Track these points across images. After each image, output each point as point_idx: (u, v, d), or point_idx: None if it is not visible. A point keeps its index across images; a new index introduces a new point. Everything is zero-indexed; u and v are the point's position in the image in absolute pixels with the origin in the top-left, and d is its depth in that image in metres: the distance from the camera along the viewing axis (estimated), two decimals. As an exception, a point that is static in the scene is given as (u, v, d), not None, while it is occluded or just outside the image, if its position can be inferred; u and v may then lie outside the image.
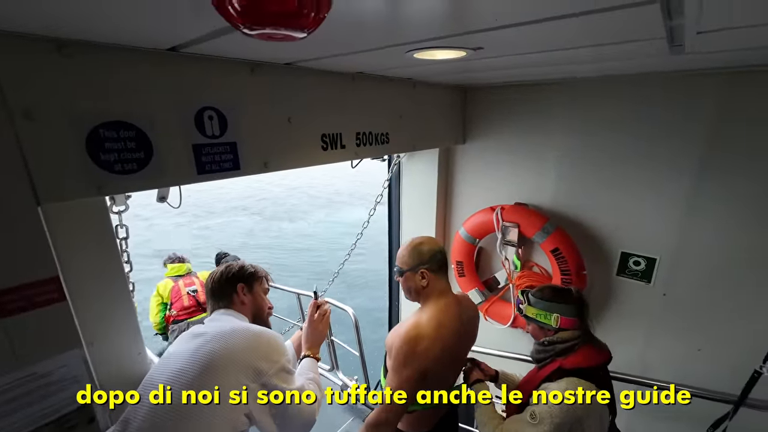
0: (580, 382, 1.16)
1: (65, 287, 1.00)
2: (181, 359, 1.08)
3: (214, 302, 1.32)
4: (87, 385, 1.02)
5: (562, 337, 1.26)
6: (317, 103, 1.48)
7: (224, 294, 1.31)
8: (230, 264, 1.37)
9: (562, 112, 2.05)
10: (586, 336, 1.27)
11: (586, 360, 1.21)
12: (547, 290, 1.33)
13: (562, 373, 1.20)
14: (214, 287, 1.32)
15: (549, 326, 1.29)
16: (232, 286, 1.32)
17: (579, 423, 1.13)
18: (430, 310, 1.34)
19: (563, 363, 1.22)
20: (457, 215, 2.68)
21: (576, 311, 1.26)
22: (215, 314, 1.28)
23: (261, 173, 1.32)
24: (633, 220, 1.96)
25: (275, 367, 1.12)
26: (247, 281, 1.35)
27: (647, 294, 1.98)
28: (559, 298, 1.29)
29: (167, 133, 1.06)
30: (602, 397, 1.17)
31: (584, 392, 1.13)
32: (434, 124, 2.19)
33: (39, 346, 0.93)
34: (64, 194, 0.90)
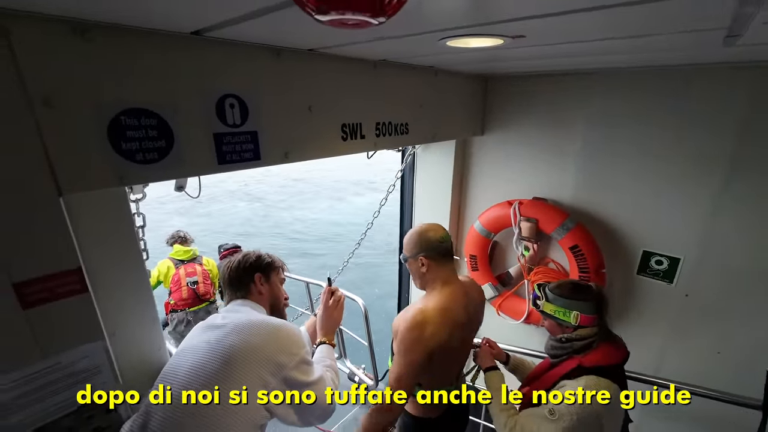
0: (600, 380, 1.15)
1: (87, 278, 0.99)
2: (200, 352, 1.07)
3: (232, 292, 1.30)
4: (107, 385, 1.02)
5: (580, 334, 1.24)
6: (338, 92, 1.43)
7: (242, 284, 1.29)
8: (247, 253, 1.34)
9: (585, 104, 1.98)
10: (605, 333, 1.25)
11: (605, 358, 1.19)
12: (566, 286, 1.30)
13: (582, 371, 1.19)
14: (231, 276, 1.29)
15: (568, 323, 1.26)
16: (250, 275, 1.29)
17: (598, 420, 1.12)
18: (435, 297, 1.35)
19: (582, 361, 1.20)
20: (472, 208, 2.63)
21: (595, 308, 1.24)
22: (233, 305, 1.26)
23: (281, 164, 1.29)
24: (656, 218, 1.90)
25: (295, 360, 1.11)
26: (264, 271, 1.33)
27: (668, 294, 1.93)
28: (579, 295, 1.26)
29: (188, 122, 1.02)
30: (624, 395, 1.16)
31: (605, 391, 1.12)
32: (454, 114, 2.13)
33: (62, 337, 0.92)
34: (86, 184, 0.88)
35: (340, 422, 3.10)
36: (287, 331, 1.16)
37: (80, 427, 1.00)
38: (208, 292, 3.75)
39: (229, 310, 1.24)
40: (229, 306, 1.26)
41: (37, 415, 0.92)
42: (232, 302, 1.28)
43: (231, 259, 1.34)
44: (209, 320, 1.20)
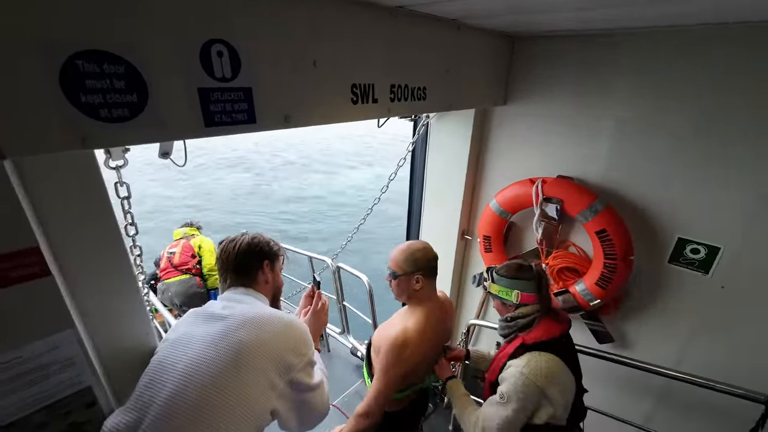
0: (540, 355, 1.20)
1: (54, 260, 0.84)
2: (203, 345, 0.94)
3: (235, 278, 1.16)
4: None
5: (522, 312, 1.31)
6: (348, 45, 1.21)
7: (249, 270, 1.16)
8: (255, 236, 1.21)
9: (628, 70, 1.73)
10: (545, 310, 1.30)
11: (546, 333, 1.24)
12: (508, 267, 1.36)
13: (525, 348, 1.24)
14: (238, 261, 1.15)
15: (510, 302, 1.33)
16: (259, 261, 1.17)
17: (543, 395, 1.17)
18: (417, 315, 1.43)
19: (525, 338, 1.26)
20: (488, 186, 2.44)
21: (536, 287, 1.30)
22: (233, 292, 1.13)
23: (280, 129, 1.10)
24: (697, 203, 1.71)
25: (304, 361, 1.04)
26: (272, 258, 1.22)
27: (702, 285, 1.77)
28: (520, 274, 1.32)
29: (166, 71, 0.83)
30: (562, 368, 1.20)
31: (544, 365, 1.17)
32: (476, 80, 1.89)
33: (22, 327, 0.78)
34: (36, 145, 0.70)
35: (341, 396, 3.08)
36: (298, 330, 1.07)
37: (53, 422, 0.89)
38: (184, 263, 3.59)
39: (230, 299, 1.10)
40: (230, 294, 1.13)
41: (3, 412, 0.81)
42: (232, 289, 1.14)
43: (236, 239, 1.19)
44: (207, 309, 1.07)
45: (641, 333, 2.07)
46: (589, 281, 1.98)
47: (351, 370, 3.43)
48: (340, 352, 3.66)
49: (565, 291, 2.09)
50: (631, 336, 2.12)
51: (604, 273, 1.89)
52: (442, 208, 2.60)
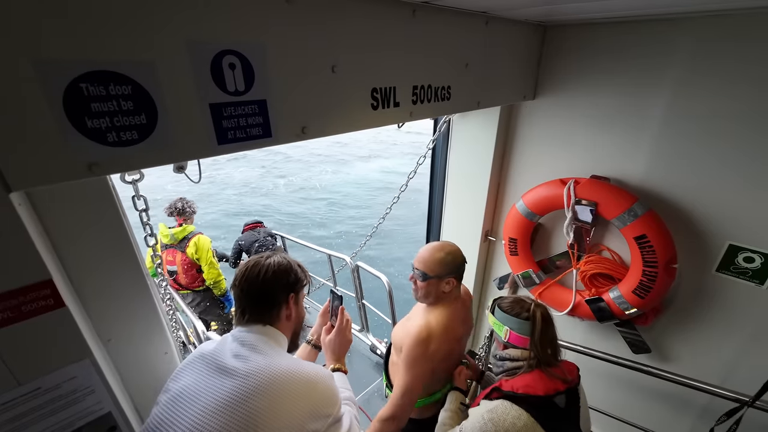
0: (511, 407, 1.05)
1: (69, 289, 0.82)
2: (209, 409, 0.80)
3: (254, 313, 0.99)
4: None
5: (510, 354, 1.16)
6: (368, 47, 1.12)
7: (271, 305, 1.01)
8: (282, 263, 1.04)
9: (679, 62, 1.56)
10: (538, 361, 1.11)
11: (525, 387, 1.07)
12: (508, 301, 1.23)
13: (500, 394, 1.11)
14: (260, 295, 1.00)
15: (500, 339, 1.21)
16: (285, 295, 1.03)
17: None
18: (440, 313, 1.40)
19: (502, 383, 1.13)
20: (514, 186, 2.31)
21: (528, 330, 1.13)
22: (250, 333, 0.96)
23: (297, 141, 1.03)
24: (753, 207, 1.54)
25: (328, 422, 0.91)
26: (298, 290, 1.08)
27: (756, 297, 1.62)
28: (514, 310, 1.18)
29: (175, 89, 0.77)
30: (534, 430, 1.01)
31: (510, 418, 1.02)
32: (504, 75, 1.76)
33: (38, 360, 0.76)
34: (43, 177, 0.66)
35: (362, 393, 3.08)
36: (321, 386, 0.92)
37: (77, 448, 0.89)
38: (191, 283, 3.33)
39: (244, 342, 0.94)
40: (245, 334, 0.96)
41: (23, 442, 0.80)
42: (248, 326, 0.98)
43: (259, 265, 1.01)
44: (216, 353, 0.91)
45: (682, 345, 1.93)
46: (625, 288, 1.85)
47: (370, 367, 3.43)
48: (360, 349, 3.67)
49: (598, 298, 1.96)
50: (670, 348, 1.98)
51: (642, 281, 1.76)
52: (465, 208, 2.49)
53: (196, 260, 3.25)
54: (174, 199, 3.34)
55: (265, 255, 1.05)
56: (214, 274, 3.31)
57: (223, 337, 0.98)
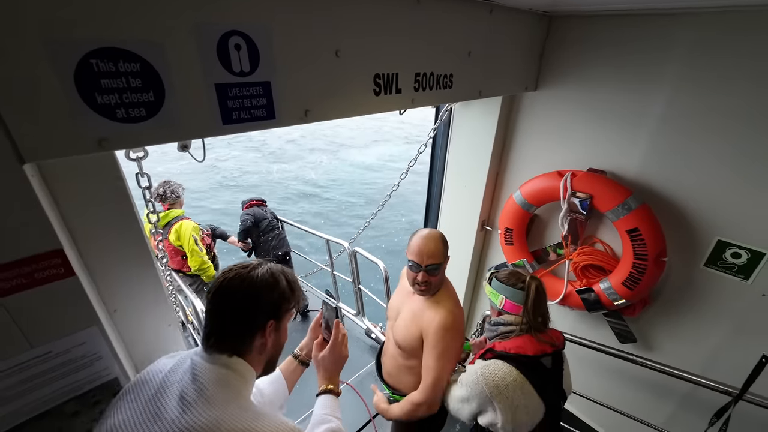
0: (501, 365, 1.17)
1: (79, 259, 0.86)
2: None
3: (220, 337, 0.81)
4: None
5: (505, 320, 1.28)
6: (372, 32, 1.13)
7: (245, 333, 0.82)
8: (268, 279, 0.84)
9: (679, 57, 1.57)
10: (530, 326, 1.24)
11: (516, 347, 1.21)
12: (505, 273, 1.33)
13: (493, 355, 1.23)
14: (234, 316, 0.81)
15: (496, 306, 1.31)
16: (262, 322, 0.83)
17: (488, 401, 1.16)
18: (449, 297, 1.42)
19: (495, 345, 1.26)
20: (512, 177, 2.34)
21: (523, 298, 1.25)
22: (209, 366, 0.78)
23: (299, 124, 1.06)
24: (743, 204, 1.58)
25: None
26: (283, 313, 0.88)
27: (740, 292, 1.67)
28: (511, 282, 1.28)
29: (183, 68, 0.79)
30: (522, 386, 1.15)
31: (499, 373, 1.15)
32: (507, 65, 1.77)
33: (50, 325, 0.80)
34: (55, 149, 0.69)
35: (355, 375, 3.17)
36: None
37: (84, 411, 0.93)
38: (180, 267, 3.20)
39: (197, 376, 0.76)
40: (203, 365, 0.78)
41: (35, 402, 0.85)
42: (211, 355, 0.80)
43: (241, 277, 0.82)
44: (160, 390, 0.76)
45: (666, 336, 2.00)
46: (615, 280, 1.90)
47: (365, 351, 3.52)
48: (355, 333, 3.75)
49: (589, 289, 2.02)
50: (655, 338, 2.04)
51: (632, 273, 1.81)
52: (463, 197, 2.53)
53: (180, 247, 3.13)
54: (157, 185, 3.12)
55: (251, 265, 0.85)
56: (197, 262, 3.14)
57: (182, 358, 0.83)
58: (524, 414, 1.16)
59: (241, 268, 0.84)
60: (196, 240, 3.10)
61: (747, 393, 1.52)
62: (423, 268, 1.34)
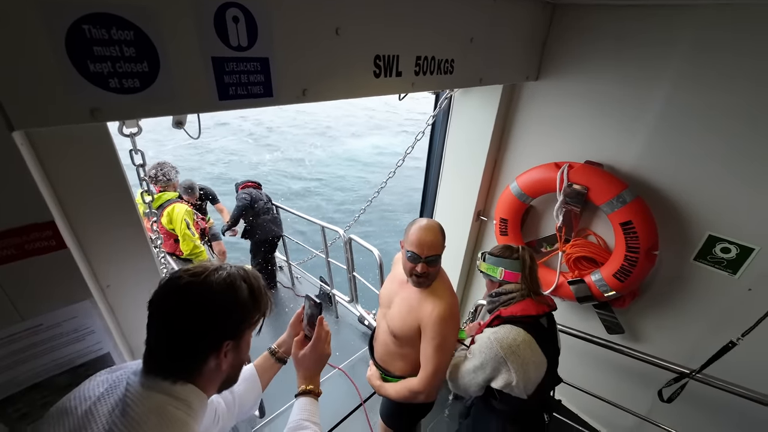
0: (511, 328, 1.28)
1: (71, 233, 0.84)
2: None
3: (163, 359, 0.67)
4: (103, 337, 0.92)
5: (506, 288, 1.38)
6: (374, 12, 1.11)
7: (194, 356, 0.68)
8: (226, 290, 0.68)
9: (682, 52, 1.56)
10: (527, 290, 1.36)
11: (522, 310, 1.31)
12: (497, 248, 1.44)
13: (501, 321, 1.33)
14: (179, 334, 0.65)
15: (495, 279, 1.41)
16: (215, 343, 0.68)
17: (503, 361, 1.25)
18: (445, 287, 1.43)
19: (502, 312, 1.35)
20: (509, 166, 2.34)
21: (519, 266, 1.36)
22: (145, 395, 0.64)
23: (297, 103, 1.04)
24: (737, 199, 1.59)
25: None
26: (243, 331, 0.73)
27: (728, 286, 1.70)
28: (506, 254, 1.40)
29: (178, 38, 0.77)
30: (530, 344, 1.26)
31: (511, 335, 1.25)
32: (509, 53, 1.74)
33: (41, 297, 0.80)
34: (46, 117, 0.67)
35: (348, 360, 3.20)
36: None
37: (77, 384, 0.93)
38: (173, 251, 3.12)
39: (128, 411, 0.62)
40: (138, 393, 0.64)
41: (27, 374, 0.85)
42: (150, 380, 0.66)
43: (190, 285, 0.66)
44: (84, 422, 0.62)
45: (654, 328, 2.04)
46: (606, 272, 1.93)
47: (357, 337, 3.56)
48: (348, 319, 3.79)
49: (580, 280, 2.04)
50: (643, 329, 2.09)
51: (624, 265, 1.83)
52: (460, 187, 2.52)
53: (172, 230, 3.06)
54: (151, 166, 3.03)
55: (205, 270, 0.68)
56: (189, 246, 3.05)
57: (117, 379, 0.69)
58: (533, 370, 1.27)
59: (191, 275, 0.67)
60: (188, 224, 3.06)
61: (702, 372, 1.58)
62: (423, 260, 1.30)
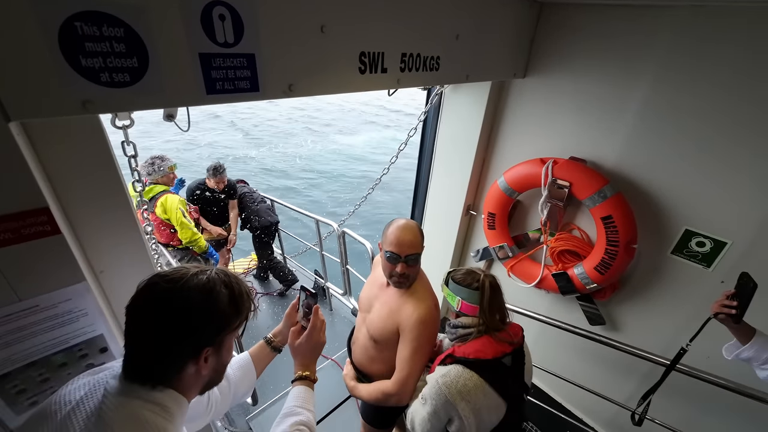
0: (462, 370, 1.15)
1: (64, 219, 0.89)
2: None
3: (139, 365, 0.66)
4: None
5: (462, 322, 1.26)
6: (358, 10, 1.15)
7: (170, 365, 0.67)
8: (205, 296, 0.67)
9: (662, 51, 1.61)
10: (485, 326, 1.21)
11: (475, 351, 1.18)
12: (461, 273, 1.28)
13: (453, 360, 1.20)
14: (156, 340, 0.64)
15: (453, 308, 1.29)
16: (194, 350, 0.67)
17: (453, 408, 1.12)
18: (425, 289, 1.41)
19: (455, 350, 1.22)
20: (498, 162, 2.39)
21: (478, 299, 1.21)
22: (122, 403, 0.64)
23: (283, 98, 1.08)
24: (710, 196, 1.66)
25: None
26: (223, 337, 0.72)
27: (702, 279, 1.77)
28: (465, 282, 1.24)
29: (167, 35, 0.81)
30: (482, 389, 1.14)
31: (461, 380, 1.13)
32: (495, 50, 1.79)
33: (37, 279, 0.84)
34: (40, 109, 0.71)
35: (340, 352, 3.27)
36: None
37: (71, 363, 0.99)
38: (169, 241, 3.15)
39: (110, 418, 0.62)
40: (115, 402, 0.63)
41: (24, 352, 0.90)
42: (128, 386, 0.65)
43: (168, 292, 0.65)
44: (74, 417, 0.62)
45: (633, 319, 2.11)
46: (588, 265, 1.99)
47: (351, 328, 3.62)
48: (342, 311, 3.85)
49: (563, 273, 2.11)
50: (622, 320, 2.16)
51: (604, 258, 1.90)
52: (450, 182, 2.58)
53: (167, 220, 3.08)
54: (149, 157, 3.09)
55: (184, 274, 0.67)
56: (187, 234, 3.11)
57: (97, 383, 0.68)
58: (487, 414, 1.16)
59: (168, 280, 0.65)
60: (184, 213, 3.11)
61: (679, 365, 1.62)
62: (402, 259, 1.29)
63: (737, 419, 1.86)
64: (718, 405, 1.89)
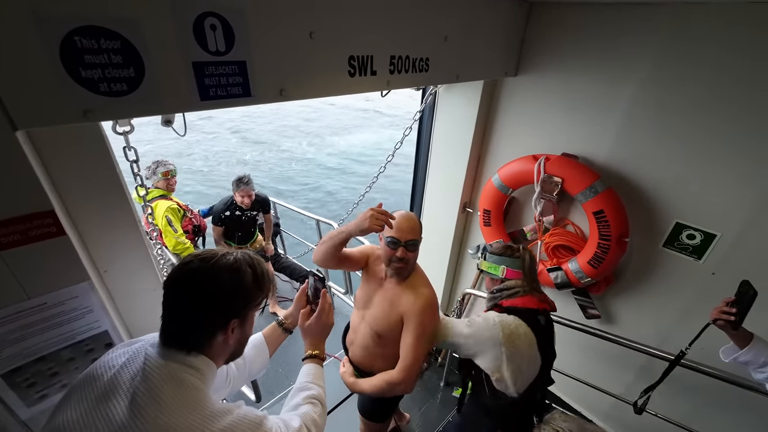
0: (515, 318, 1.31)
1: (69, 221, 0.94)
2: None
3: (175, 334, 0.76)
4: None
5: (508, 285, 1.41)
6: (346, 14, 1.19)
7: (203, 332, 0.77)
8: (233, 275, 0.77)
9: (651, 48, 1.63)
10: (529, 287, 1.39)
11: (522, 303, 1.35)
12: (499, 247, 1.47)
13: (501, 310, 1.37)
14: (189, 313, 0.75)
15: (497, 276, 1.44)
16: (223, 321, 0.78)
17: (497, 345, 1.27)
18: (423, 280, 1.47)
19: (503, 302, 1.39)
20: (492, 160, 2.42)
21: (521, 265, 1.40)
22: (162, 364, 0.73)
23: (275, 102, 1.13)
24: (700, 189, 1.68)
25: None
26: (249, 310, 0.84)
27: (693, 271, 1.79)
28: (508, 252, 1.43)
29: (161, 46, 0.86)
30: (530, 339, 1.30)
31: (513, 324, 1.29)
32: (485, 49, 1.82)
33: (44, 279, 0.90)
34: (43, 118, 0.77)
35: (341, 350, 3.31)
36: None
37: (79, 357, 1.04)
38: (164, 245, 3.09)
39: (149, 377, 0.71)
40: (157, 364, 0.73)
41: (33, 347, 0.95)
42: (167, 351, 0.75)
43: (200, 269, 0.75)
44: (110, 388, 0.71)
45: (627, 312, 2.14)
46: (582, 260, 2.02)
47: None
48: (344, 310, 3.90)
49: (558, 268, 2.14)
50: (617, 313, 2.19)
51: (597, 253, 1.92)
52: (446, 180, 2.61)
53: (153, 223, 3.13)
54: (151, 162, 3.08)
55: (214, 255, 0.77)
56: (171, 242, 3.05)
57: (137, 350, 0.78)
58: (526, 364, 1.30)
59: (201, 259, 0.76)
60: (170, 220, 3.05)
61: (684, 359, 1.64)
62: (402, 244, 1.34)
63: (734, 410, 1.88)
64: (714, 395, 1.91)
